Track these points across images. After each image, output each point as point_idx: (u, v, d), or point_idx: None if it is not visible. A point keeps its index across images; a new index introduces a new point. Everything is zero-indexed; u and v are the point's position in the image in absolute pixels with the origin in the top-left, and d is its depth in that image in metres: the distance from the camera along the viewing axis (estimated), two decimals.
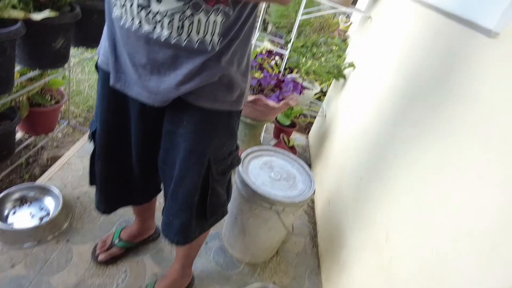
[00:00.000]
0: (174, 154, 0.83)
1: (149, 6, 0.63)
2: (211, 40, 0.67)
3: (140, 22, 0.66)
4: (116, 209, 1.06)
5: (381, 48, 1.58)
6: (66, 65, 1.50)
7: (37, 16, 1.03)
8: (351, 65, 1.89)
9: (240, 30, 0.70)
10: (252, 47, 2.36)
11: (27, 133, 1.74)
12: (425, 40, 1.14)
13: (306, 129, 2.82)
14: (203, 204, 0.88)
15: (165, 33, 0.65)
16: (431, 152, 0.91)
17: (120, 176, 0.97)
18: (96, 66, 0.85)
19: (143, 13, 0.64)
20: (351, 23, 3.27)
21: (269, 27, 5.31)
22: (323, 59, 2.02)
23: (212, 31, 0.66)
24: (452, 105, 0.88)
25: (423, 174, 0.92)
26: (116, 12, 0.69)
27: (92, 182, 1.02)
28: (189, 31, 0.65)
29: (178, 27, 0.64)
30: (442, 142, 0.88)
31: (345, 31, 3.89)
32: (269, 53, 2.17)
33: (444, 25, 1.03)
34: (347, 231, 1.30)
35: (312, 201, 1.86)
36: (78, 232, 1.29)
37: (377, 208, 1.12)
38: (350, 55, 2.09)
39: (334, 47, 2.22)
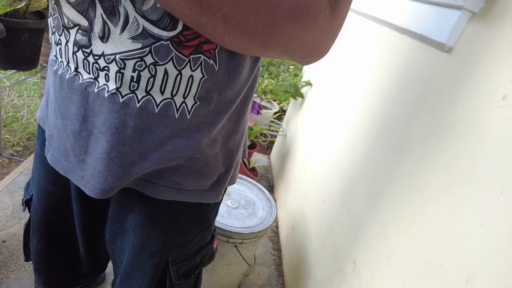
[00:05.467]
0: (123, 239, 0.63)
1: (89, 45, 0.42)
2: (181, 104, 0.45)
3: (76, 67, 0.45)
4: None
5: (336, 66, 1.57)
6: None
7: None
8: (308, 83, 1.87)
9: (232, 101, 0.49)
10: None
11: None
12: (380, 56, 1.12)
13: (268, 149, 2.75)
14: None
15: (111, 86, 0.43)
16: (396, 174, 0.86)
17: (62, 257, 0.77)
18: None
19: (80, 55, 0.44)
20: None
21: None
22: (279, 78, 1.98)
23: (185, 91, 0.44)
24: (410, 122, 0.84)
25: (389, 198, 0.86)
26: (53, 53, 0.50)
27: (27, 258, 0.82)
28: (148, 88, 0.43)
29: (132, 80, 0.42)
30: (404, 162, 0.83)
31: None
32: None
33: (399, 40, 1.01)
34: (312, 259, 1.21)
35: (277, 226, 1.77)
36: (1, 283, 1.09)
37: (341, 234, 1.05)
38: (307, 73, 2.08)
39: (290, 66, 2.20)
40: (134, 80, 0.42)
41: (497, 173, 0.56)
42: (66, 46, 0.45)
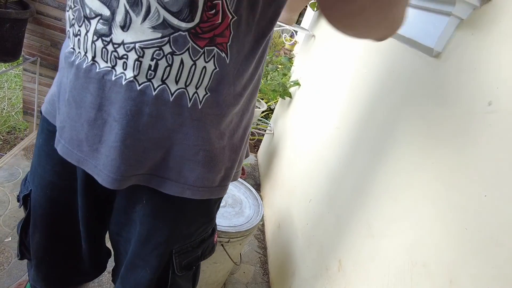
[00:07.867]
0: (129, 230, 0.65)
1: (109, 34, 0.44)
2: (194, 94, 0.48)
3: (94, 56, 0.47)
4: None
5: (324, 66, 1.58)
6: None
7: None
8: (296, 83, 1.88)
9: (240, 95, 0.52)
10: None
11: None
12: (367, 58, 1.13)
13: (255, 147, 2.75)
14: None
15: (129, 74, 0.46)
16: (382, 175, 0.87)
17: (64, 253, 0.76)
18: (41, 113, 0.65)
19: (99, 43, 0.46)
20: (296, 42, 3.34)
21: None
22: (268, 77, 1.98)
23: (198, 81, 0.47)
24: (397, 124, 0.86)
25: (374, 199, 0.87)
26: (70, 45, 0.52)
27: (23, 256, 0.80)
28: (164, 77, 0.46)
29: (149, 68, 0.45)
30: (389, 164, 0.84)
31: (291, 50, 3.97)
32: None
33: (387, 43, 1.02)
34: (298, 258, 1.22)
35: (263, 224, 1.77)
36: None
37: (327, 233, 1.06)
38: (295, 73, 2.09)
39: (279, 66, 2.20)
40: (152, 68, 0.45)
41: (482, 178, 0.58)
42: (86, 36, 0.47)
